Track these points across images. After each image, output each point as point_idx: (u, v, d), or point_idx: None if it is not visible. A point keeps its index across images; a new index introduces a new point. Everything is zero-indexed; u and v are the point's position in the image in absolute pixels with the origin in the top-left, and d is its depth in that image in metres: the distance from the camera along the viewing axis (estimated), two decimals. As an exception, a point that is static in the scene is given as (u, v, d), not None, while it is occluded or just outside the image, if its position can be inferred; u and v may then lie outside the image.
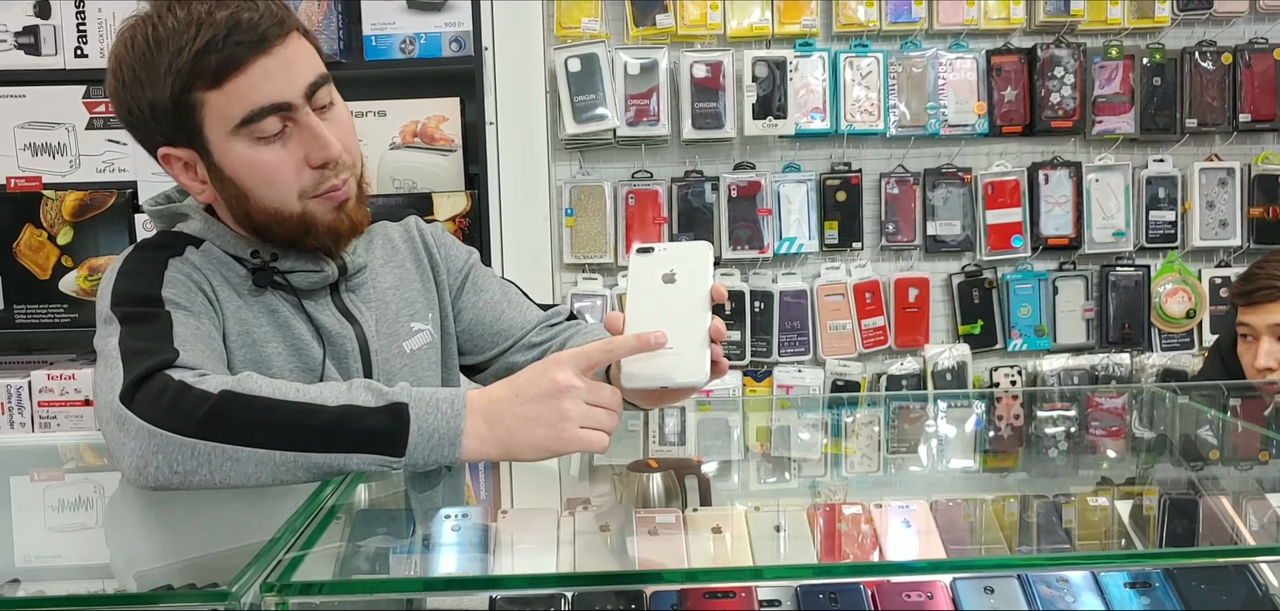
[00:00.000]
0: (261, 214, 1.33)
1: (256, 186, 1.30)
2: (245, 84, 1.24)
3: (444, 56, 2.86)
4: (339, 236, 1.37)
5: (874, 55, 3.07)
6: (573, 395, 1.13)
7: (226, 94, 1.24)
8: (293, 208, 1.32)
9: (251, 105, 1.25)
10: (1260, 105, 3.11)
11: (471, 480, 1.27)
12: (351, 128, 1.37)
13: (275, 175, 1.30)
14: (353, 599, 1.03)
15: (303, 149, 1.30)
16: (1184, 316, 3.19)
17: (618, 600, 1.08)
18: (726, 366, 1.23)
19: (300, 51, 1.28)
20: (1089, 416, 1.83)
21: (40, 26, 2.82)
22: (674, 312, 1.15)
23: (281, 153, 1.29)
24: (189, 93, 1.24)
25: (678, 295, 1.17)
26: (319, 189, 1.32)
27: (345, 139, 1.34)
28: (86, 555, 1.16)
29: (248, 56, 1.23)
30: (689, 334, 1.15)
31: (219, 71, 1.23)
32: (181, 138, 1.29)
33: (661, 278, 1.18)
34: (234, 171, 1.30)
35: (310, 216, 1.33)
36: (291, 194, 1.31)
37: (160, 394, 1.11)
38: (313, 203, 1.33)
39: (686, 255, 1.19)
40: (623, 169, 3.14)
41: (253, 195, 1.31)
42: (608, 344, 1.15)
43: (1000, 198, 3.15)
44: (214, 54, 1.22)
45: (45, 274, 2.83)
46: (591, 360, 1.15)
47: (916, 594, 1.08)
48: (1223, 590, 1.10)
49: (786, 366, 3.16)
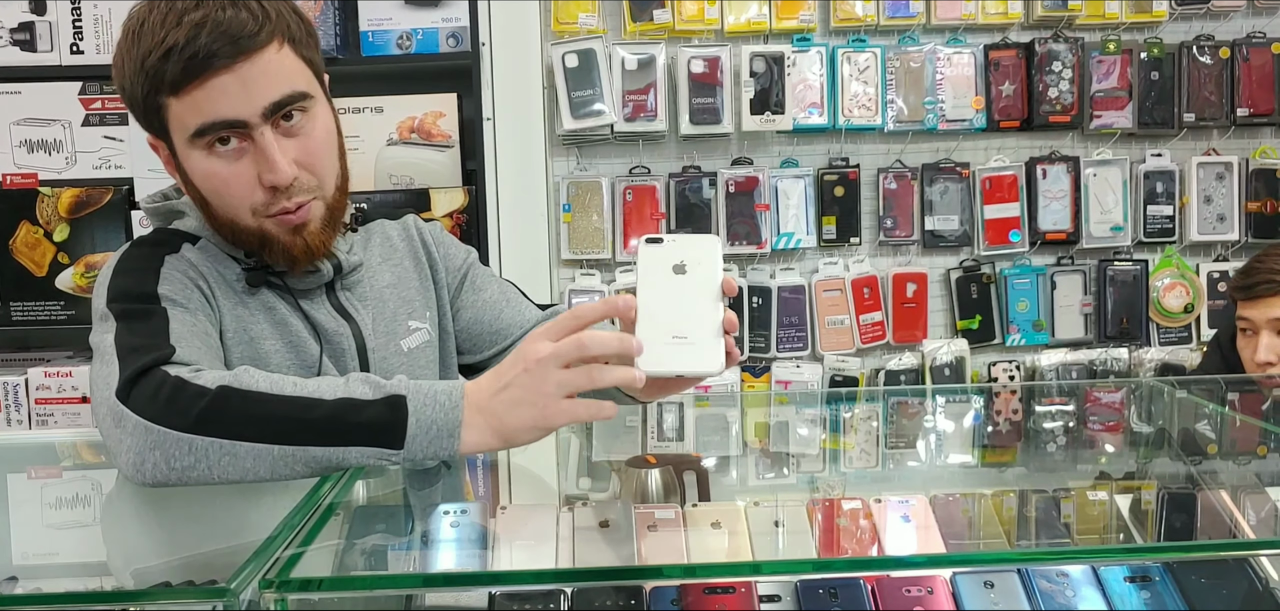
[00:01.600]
0: (221, 223, 1.32)
1: (211, 196, 1.30)
2: (201, 96, 1.22)
3: (441, 52, 2.86)
4: (294, 259, 1.33)
5: (872, 50, 3.07)
6: (548, 364, 1.12)
7: (184, 103, 1.23)
8: (247, 222, 1.30)
9: (205, 118, 1.23)
10: (1258, 99, 3.11)
11: (470, 477, 1.27)
12: (325, 150, 1.32)
13: (226, 189, 1.28)
14: (351, 595, 1.03)
15: (256, 168, 1.26)
16: (1182, 311, 3.19)
17: (617, 596, 1.08)
18: (738, 355, 1.23)
19: (271, 67, 1.24)
20: (1087, 411, 1.83)
21: (36, 22, 2.81)
22: (687, 302, 1.15)
23: (235, 167, 1.26)
24: (155, 94, 1.23)
25: (690, 285, 1.16)
26: (270, 210, 1.29)
27: (311, 162, 1.30)
28: (84, 552, 1.15)
29: (204, 70, 1.20)
30: (703, 323, 1.14)
31: (175, 82, 1.21)
32: (158, 133, 1.29)
33: (672, 268, 1.17)
34: (192, 178, 1.29)
35: (266, 234, 1.31)
36: (244, 209, 1.29)
37: (157, 390, 1.11)
38: (267, 221, 1.30)
39: (696, 246, 1.19)
40: (620, 164, 3.14)
41: (210, 204, 1.31)
42: (576, 311, 1.14)
43: (998, 192, 3.15)
44: (172, 63, 1.19)
45: (41, 271, 2.83)
46: (562, 328, 1.13)
47: (916, 589, 1.08)
48: (1222, 584, 1.10)
49: (785, 362, 3.16)
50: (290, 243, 1.31)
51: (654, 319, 1.14)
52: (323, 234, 1.34)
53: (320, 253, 1.35)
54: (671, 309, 1.14)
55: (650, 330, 1.13)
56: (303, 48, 1.28)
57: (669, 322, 1.14)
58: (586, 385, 1.13)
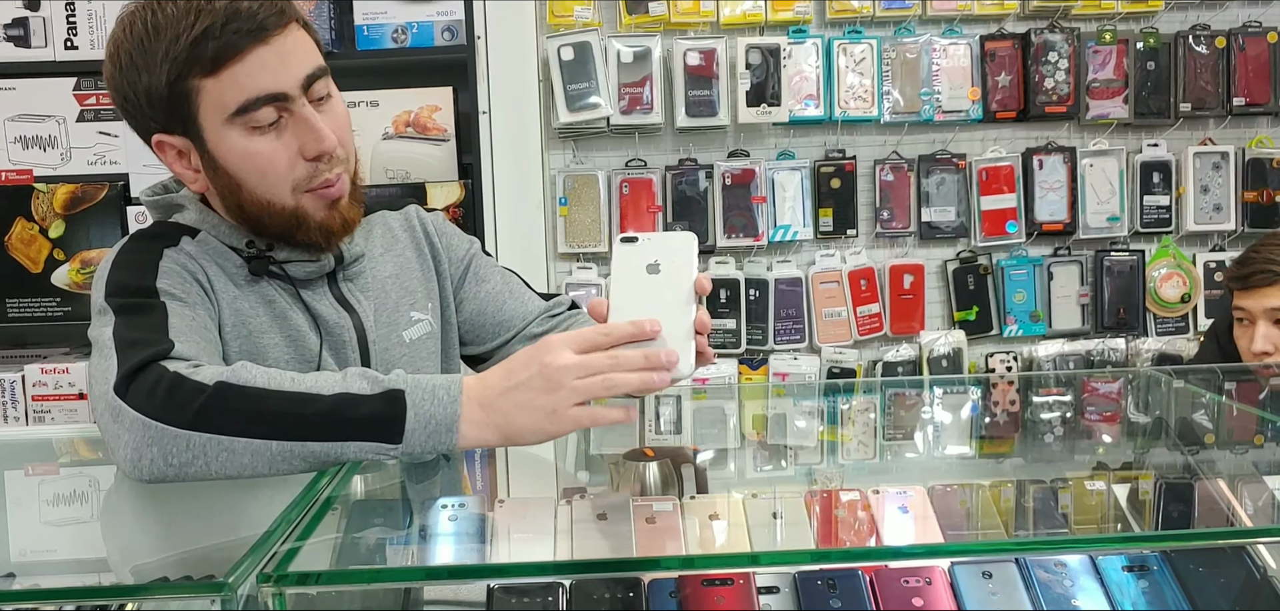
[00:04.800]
0: (254, 205, 1.32)
1: (250, 177, 1.30)
2: (242, 72, 1.24)
3: (436, 46, 2.85)
4: (331, 234, 1.36)
5: (868, 41, 3.07)
6: (568, 374, 1.12)
7: (222, 82, 1.24)
8: (285, 201, 1.32)
9: (247, 94, 1.24)
10: (1254, 89, 3.11)
11: (468, 470, 1.27)
12: (347, 122, 1.37)
13: (269, 166, 1.29)
14: (350, 589, 1.03)
15: (297, 141, 1.29)
16: (1179, 301, 3.19)
17: (616, 588, 1.08)
18: (711, 356, 1.23)
19: (298, 43, 1.28)
20: (1084, 401, 1.83)
21: (30, 18, 2.81)
22: (659, 302, 1.16)
23: (276, 143, 1.28)
24: (185, 80, 1.24)
25: (662, 285, 1.17)
26: (312, 182, 1.32)
27: (341, 133, 1.33)
28: (82, 548, 1.15)
29: (244, 45, 1.23)
30: (674, 325, 1.15)
31: (215, 59, 1.22)
32: (176, 126, 1.29)
33: (646, 267, 1.18)
34: (227, 161, 1.29)
35: (302, 211, 1.33)
36: (285, 186, 1.31)
37: (155, 385, 1.11)
38: (305, 197, 1.32)
39: (671, 245, 1.19)
40: (616, 157, 3.14)
41: (246, 186, 1.31)
42: (606, 328, 1.15)
43: (995, 183, 3.15)
44: (211, 41, 1.21)
45: (37, 267, 2.82)
46: (587, 342, 1.14)
47: (915, 579, 1.08)
48: (1220, 572, 1.10)
49: (782, 354, 3.16)
50: (328, 217, 1.35)
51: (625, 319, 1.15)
52: (351, 207, 1.37)
53: (353, 226, 1.39)
54: (643, 309, 1.15)
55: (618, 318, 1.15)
56: (311, 33, 1.33)
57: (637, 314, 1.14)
58: (602, 394, 1.13)
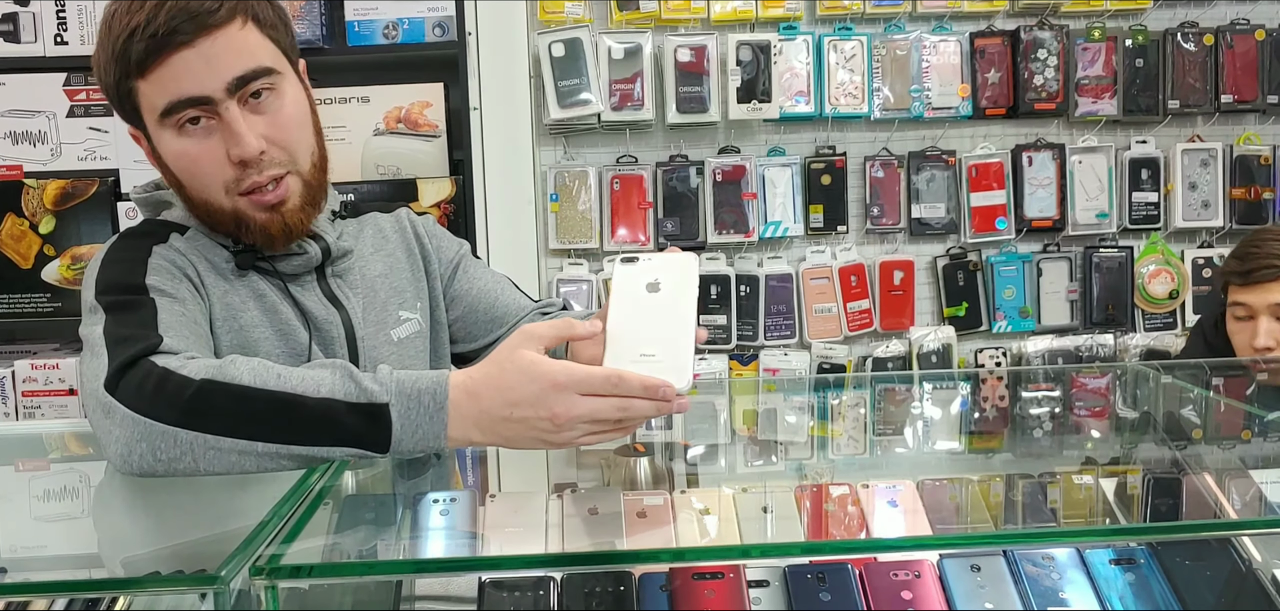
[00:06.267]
0: (196, 205, 1.33)
1: (184, 176, 1.31)
2: (166, 75, 1.24)
3: (427, 41, 2.85)
4: (271, 238, 1.34)
5: (858, 38, 3.08)
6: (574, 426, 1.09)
7: (151, 84, 1.25)
8: (221, 202, 1.31)
9: (171, 96, 1.25)
10: (1242, 86, 3.13)
11: (459, 465, 1.27)
12: (295, 125, 1.33)
13: (196, 167, 1.29)
14: (342, 582, 1.03)
15: (225, 144, 1.28)
16: (1167, 297, 3.20)
17: (606, 580, 1.08)
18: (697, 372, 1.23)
19: (233, 44, 1.25)
20: (1073, 396, 1.84)
21: (19, 13, 2.80)
22: (656, 320, 1.15)
23: (204, 145, 1.28)
24: (126, 80, 1.26)
25: (661, 304, 1.16)
26: (241, 186, 1.30)
27: (281, 136, 1.31)
28: (74, 543, 1.15)
29: (166, 48, 1.22)
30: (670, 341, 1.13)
31: (141, 62, 1.23)
32: (134, 121, 1.31)
33: (645, 287, 1.17)
34: (166, 160, 1.31)
35: (240, 213, 1.32)
36: (216, 188, 1.30)
37: (144, 381, 1.11)
38: (240, 200, 1.31)
39: (671, 266, 1.18)
40: (607, 153, 3.14)
41: (185, 186, 1.32)
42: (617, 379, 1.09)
43: (984, 180, 3.16)
44: (136, 44, 1.22)
45: (27, 263, 2.81)
46: (593, 388, 1.09)
47: (903, 572, 1.09)
48: (1206, 564, 1.11)
49: (772, 350, 3.17)
50: (267, 221, 1.32)
51: (621, 336, 1.14)
52: (302, 211, 1.35)
53: (300, 231, 1.36)
54: (640, 326, 1.14)
55: (617, 346, 1.13)
56: (269, 29, 1.30)
57: (636, 340, 1.13)
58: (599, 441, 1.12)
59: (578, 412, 1.08)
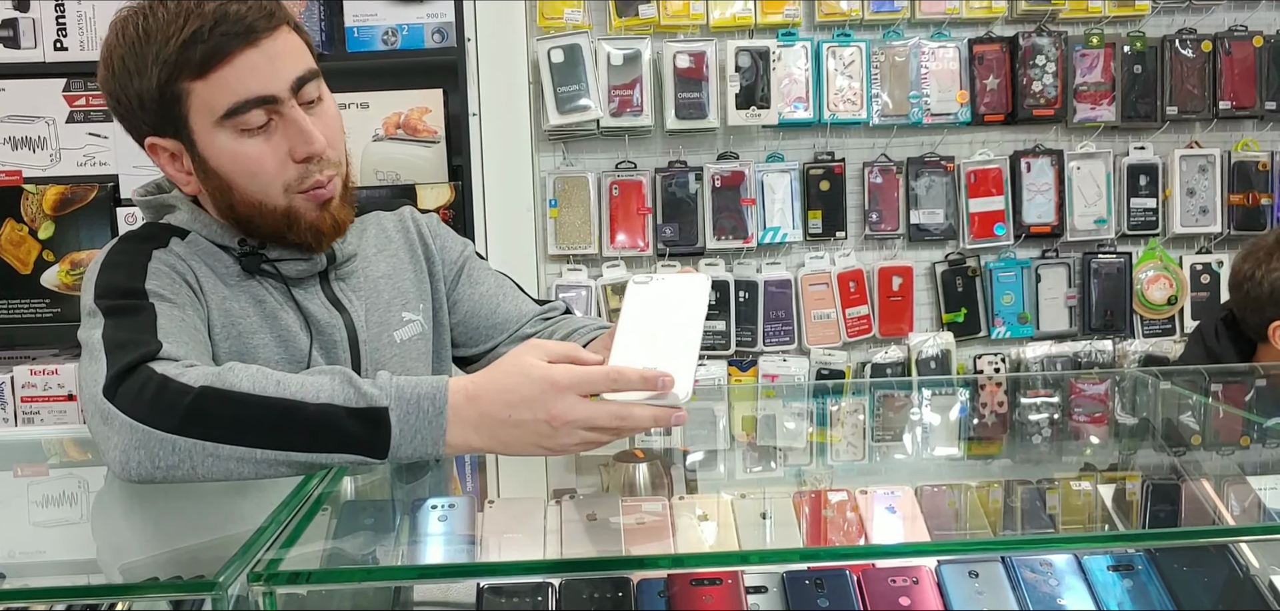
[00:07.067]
0: (245, 206, 1.32)
1: (240, 178, 1.30)
2: (231, 75, 1.24)
3: (427, 47, 2.85)
4: (321, 234, 1.36)
5: (856, 45, 3.08)
6: (572, 429, 1.10)
7: (211, 85, 1.25)
8: (277, 201, 1.32)
9: (236, 97, 1.25)
10: (1240, 93, 3.13)
11: (458, 471, 1.27)
12: (339, 125, 1.37)
13: (258, 168, 1.30)
14: (340, 588, 1.03)
15: (287, 143, 1.30)
16: (1165, 303, 3.20)
17: (605, 587, 1.08)
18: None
19: (288, 45, 1.29)
20: (1072, 402, 1.84)
21: (19, 19, 2.80)
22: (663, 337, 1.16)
23: (265, 146, 1.29)
24: (175, 83, 1.25)
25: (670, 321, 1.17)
26: (303, 184, 1.32)
27: (331, 136, 1.34)
28: (72, 549, 1.15)
29: (233, 48, 1.23)
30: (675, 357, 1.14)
31: (204, 63, 1.23)
32: (168, 128, 1.29)
33: (654, 305, 1.19)
34: (218, 163, 1.30)
35: (294, 212, 1.33)
36: (276, 187, 1.31)
37: (143, 388, 1.11)
38: (297, 198, 1.33)
39: (681, 287, 1.20)
40: (606, 159, 3.14)
41: (237, 187, 1.31)
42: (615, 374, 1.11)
43: (983, 186, 3.16)
44: (200, 45, 1.22)
45: (26, 269, 2.81)
46: (595, 384, 1.11)
47: (902, 579, 1.09)
48: (1204, 571, 1.11)
49: (771, 356, 3.17)
50: (319, 218, 1.35)
51: (627, 350, 1.15)
52: (342, 209, 1.38)
53: (344, 228, 1.39)
54: (647, 341, 1.16)
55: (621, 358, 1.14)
56: (302, 34, 1.34)
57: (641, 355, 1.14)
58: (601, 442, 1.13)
59: (575, 416, 1.09)
